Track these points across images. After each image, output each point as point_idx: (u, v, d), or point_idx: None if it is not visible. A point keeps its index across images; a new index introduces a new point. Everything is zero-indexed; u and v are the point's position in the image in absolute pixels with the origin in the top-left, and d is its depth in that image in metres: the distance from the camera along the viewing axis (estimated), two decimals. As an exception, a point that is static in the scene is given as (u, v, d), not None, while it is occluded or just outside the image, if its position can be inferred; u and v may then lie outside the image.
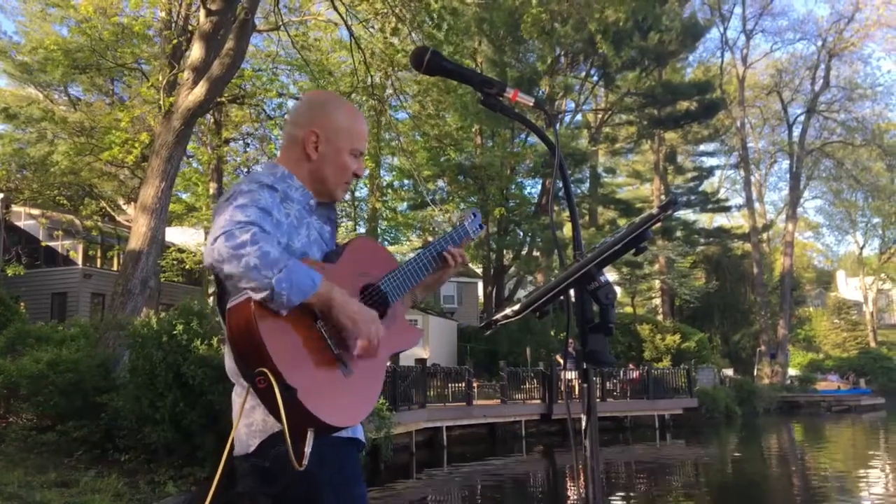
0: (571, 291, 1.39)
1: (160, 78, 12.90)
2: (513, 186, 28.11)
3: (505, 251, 29.54)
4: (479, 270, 32.08)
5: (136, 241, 10.27)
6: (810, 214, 54.87)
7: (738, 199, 42.80)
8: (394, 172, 27.60)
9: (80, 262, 22.86)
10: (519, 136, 27.65)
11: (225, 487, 1.73)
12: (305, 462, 1.51)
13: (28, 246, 22.38)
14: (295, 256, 1.61)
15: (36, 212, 22.47)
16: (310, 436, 1.54)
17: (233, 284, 1.54)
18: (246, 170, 20.78)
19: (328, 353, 1.62)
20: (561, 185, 1.53)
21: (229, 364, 1.71)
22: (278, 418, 1.49)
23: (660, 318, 33.03)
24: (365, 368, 1.69)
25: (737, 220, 45.95)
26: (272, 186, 1.70)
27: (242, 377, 1.61)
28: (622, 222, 30.31)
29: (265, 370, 1.48)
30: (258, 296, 1.49)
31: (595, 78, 30.40)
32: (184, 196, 24.65)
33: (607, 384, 21.11)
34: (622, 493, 11.02)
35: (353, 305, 1.62)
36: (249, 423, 1.67)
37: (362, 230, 27.01)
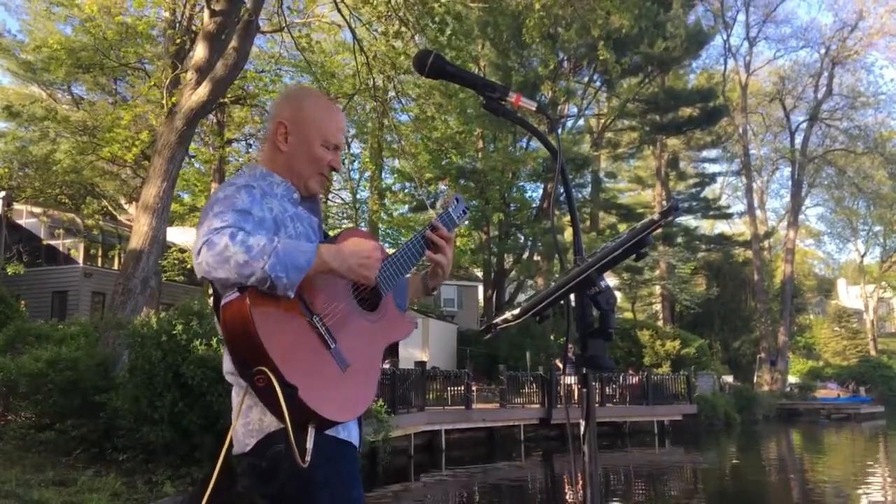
0: (572, 296, 1.39)
1: (163, 78, 12.91)
2: (514, 190, 28.09)
3: (505, 255, 29.52)
4: (479, 274, 32.06)
5: (137, 241, 10.28)
6: (812, 222, 54.84)
7: (740, 206, 42.88)
8: (395, 175, 27.61)
9: (80, 260, 22.84)
10: (520, 141, 27.64)
11: (224, 487, 1.73)
12: (308, 458, 1.51)
13: (29, 244, 22.37)
14: None
15: (37, 210, 22.47)
16: (311, 432, 1.54)
17: (230, 286, 1.54)
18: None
19: (324, 347, 1.62)
20: (562, 189, 1.53)
21: (227, 366, 1.70)
22: (279, 416, 1.49)
23: (660, 323, 32.97)
24: (361, 361, 1.69)
25: (738, 227, 45.96)
26: (248, 185, 1.71)
27: (240, 376, 1.61)
28: (623, 227, 30.29)
29: (264, 368, 1.48)
30: (261, 287, 1.50)
31: (598, 83, 30.41)
32: (185, 196, 24.67)
33: (607, 389, 21.08)
34: (620, 499, 11.00)
35: (349, 259, 1.63)
36: (246, 422, 1.67)
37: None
